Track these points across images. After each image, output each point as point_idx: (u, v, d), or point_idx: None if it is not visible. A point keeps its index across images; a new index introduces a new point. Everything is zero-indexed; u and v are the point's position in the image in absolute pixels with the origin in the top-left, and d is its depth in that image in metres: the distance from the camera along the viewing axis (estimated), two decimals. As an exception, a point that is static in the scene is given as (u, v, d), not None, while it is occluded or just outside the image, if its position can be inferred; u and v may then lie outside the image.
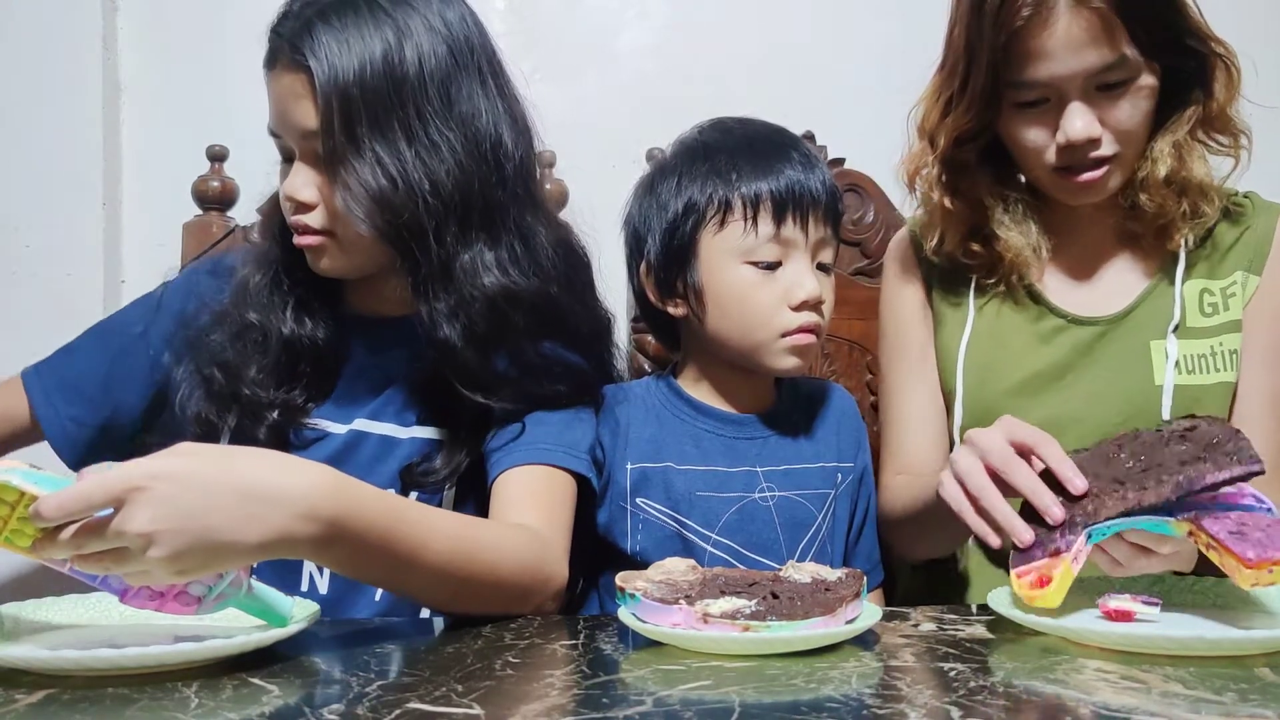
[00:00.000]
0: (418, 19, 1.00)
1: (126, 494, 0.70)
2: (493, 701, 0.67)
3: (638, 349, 1.39)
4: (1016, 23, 1.04)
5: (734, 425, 1.15)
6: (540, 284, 1.05)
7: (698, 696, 0.68)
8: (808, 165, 1.10)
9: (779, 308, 1.08)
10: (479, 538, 0.90)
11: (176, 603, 0.78)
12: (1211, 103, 1.10)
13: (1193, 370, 1.13)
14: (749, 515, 1.11)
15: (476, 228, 1.02)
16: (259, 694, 0.70)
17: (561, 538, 0.99)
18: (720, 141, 1.14)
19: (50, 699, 0.69)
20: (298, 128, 1.00)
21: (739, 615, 0.78)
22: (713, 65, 1.58)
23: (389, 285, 1.06)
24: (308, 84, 0.97)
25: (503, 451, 1.02)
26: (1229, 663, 0.73)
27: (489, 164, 1.02)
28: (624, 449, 1.12)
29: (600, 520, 1.12)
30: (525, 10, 1.57)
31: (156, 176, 1.52)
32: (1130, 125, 1.08)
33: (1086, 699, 0.66)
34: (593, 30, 1.58)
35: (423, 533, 0.85)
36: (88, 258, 1.47)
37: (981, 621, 0.88)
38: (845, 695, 0.67)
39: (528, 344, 1.04)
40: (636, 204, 1.17)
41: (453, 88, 1.01)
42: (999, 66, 1.07)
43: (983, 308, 1.20)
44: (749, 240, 1.08)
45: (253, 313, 1.08)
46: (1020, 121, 1.11)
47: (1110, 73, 1.05)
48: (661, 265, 1.13)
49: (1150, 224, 1.14)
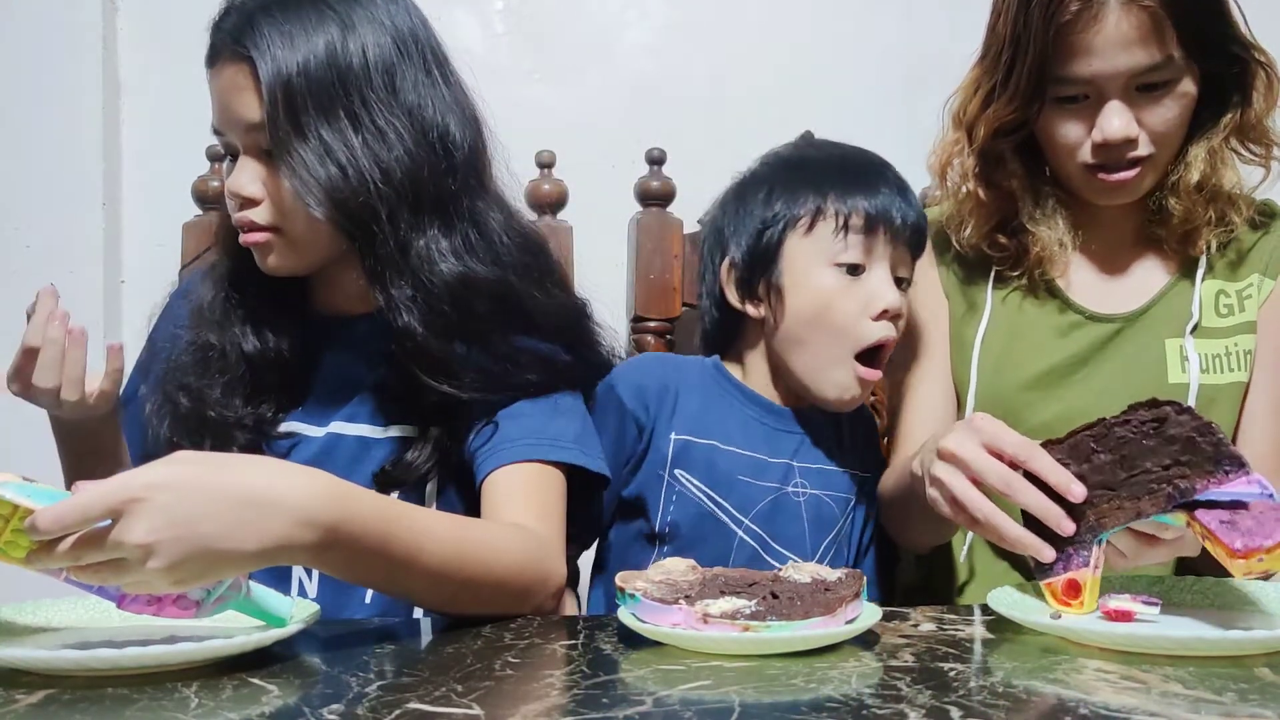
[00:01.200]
0: (360, 11, 1.00)
1: (124, 505, 0.70)
2: (493, 701, 0.67)
3: (637, 349, 1.39)
4: (1065, 17, 1.04)
5: (775, 415, 1.17)
6: (499, 271, 1.04)
7: (697, 696, 0.68)
8: (902, 191, 1.14)
9: (859, 317, 1.10)
10: (475, 538, 0.90)
11: (175, 607, 0.78)
12: (1250, 111, 1.10)
13: (1207, 370, 1.13)
14: (780, 507, 1.13)
15: (429, 214, 1.01)
16: (259, 694, 0.70)
17: (557, 535, 0.99)
18: (815, 157, 1.17)
19: (50, 699, 0.69)
20: (241, 121, 0.99)
21: (739, 615, 0.78)
22: (713, 65, 1.58)
23: (349, 281, 1.06)
24: (250, 75, 0.97)
25: (487, 451, 1.02)
26: (1229, 663, 0.73)
27: (437, 153, 1.02)
28: (669, 417, 1.12)
29: (628, 492, 1.12)
30: (525, 10, 1.57)
31: (156, 176, 1.52)
32: (1167, 128, 1.08)
33: (1086, 699, 0.66)
34: (593, 30, 1.58)
35: (419, 535, 0.84)
36: (88, 258, 1.47)
37: (981, 621, 0.88)
38: (845, 695, 0.67)
39: (491, 331, 1.03)
40: (720, 210, 1.20)
41: (397, 77, 1.01)
42: (1045, 60, 1.06)
43: (1002, 300, 1.20)
44: (838, 243, 1.10)
45: (210, 333, 1.07)
46: (1058, 117, 1.10)
47: (1154, 73, 1.05)
48: (745, 265, 1.15)
49: (1175, 229, 1.14)
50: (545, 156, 1.40)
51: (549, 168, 1.41)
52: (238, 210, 1.02)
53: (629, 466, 1.12)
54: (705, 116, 1.54)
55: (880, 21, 1.62)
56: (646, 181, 1.41)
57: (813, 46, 1.59)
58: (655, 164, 1.41)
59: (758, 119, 1.33)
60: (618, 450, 1.11)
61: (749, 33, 1.58)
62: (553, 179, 1.41)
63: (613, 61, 1.58)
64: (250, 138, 1.00)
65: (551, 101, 1.56)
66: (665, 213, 1.40)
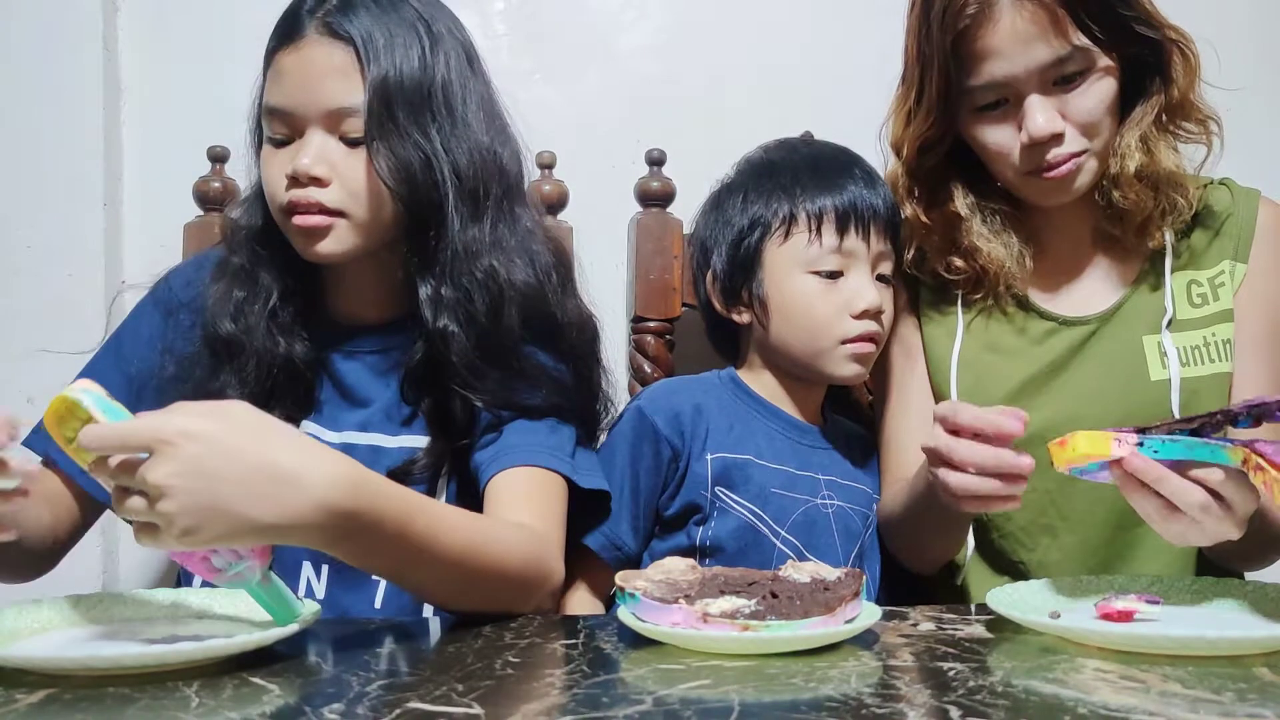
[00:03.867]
0: (440, 23, 1.06)
1: (156, 445, 0.72)
2: (493, 701, 0.67)
3: (637, 349, 1.39)
4: (962, 23, 1.05)
5: (799, 430, 1.21)
6: (535, 277, 1.08)
7: (697, 696, 0.68)
8: (869, 182, 1.17)
9: (840, 316, 1.14)
10: (487, 532, 0.92)
11: (200, 564, 0.80)
12: (1173, 90, 1.09)
13: (1187, 363, 1.13)
14: (812, 519, 1.15)
15: (482, 217, 1.05)
16: (259, 694, 0.70)
17: (557, 535, 1.01)
18: (785, 159, 1.20)
19: (50, 699, 0.69)
20: (329, 103, 1.00)
21: (738, 615, 0.78)
22: (712, 65, 1.57)
23: (371, 286, 1.08)
24: (353, 60, 0.99)
25: (490, 457, 1.03)
26: (1228, 662, 0.73)
27: (494, 159, 1.06)
28: (704, 439, 1.14)
29: (670, 512, 1.14)
30: (525, 10, 1.57)
31: (156, 176, 1.51)
32: (1093, 117, 1.08)
33: (1086, 699, 0.66)
34: (593, 30, 1.58)
35: (435, 527, 0.86)
36: (88, 258, 1.46)
37: (981, 621, 0.88)
38: (845, 695, 0.67)
39: (515, 344, 1.06)
40: (703, 219, 1.25)
41: (467, 86, 1.06)
42: (951, 70, 1.07)
43: (971, 321, 1.20)
44: (812, 251, 1.14)
45: (223, 333, 1.06)
46: (983, 126, 1.11)
47: (1063, 65, 1.05)
48: (727, 275, 1.19)
49: (1129, 224, 1.14)
50: (545, 157, 1.40)
51: (549, 168, 1.41)
52: (298, 189, 1.00)
53: (668, 491, 1.14)
54: (705, 116, 1.54)
55: (880, 22, 1.61)
56: (646, 182, 1.41)
57: (813, 47, 1.59)
58: (655, 164, 1.41)
59: (758, 119, 1.32)
60: (655, 475, 1.13)
61: (749, 33, 1.58)
62: (553, 179, 1.41)
63: (613, 61, 1.58)
64: (334, 120, 1.00)
65: (551, 101, 1.56)
66: (665, 213, 1.40)
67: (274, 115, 1.03)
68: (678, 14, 1.59)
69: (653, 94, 1.56)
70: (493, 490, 1.01)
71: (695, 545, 1.13)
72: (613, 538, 1.11)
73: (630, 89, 1.57)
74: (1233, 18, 1.57)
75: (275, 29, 1.04)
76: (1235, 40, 1.56)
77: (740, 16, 1.58)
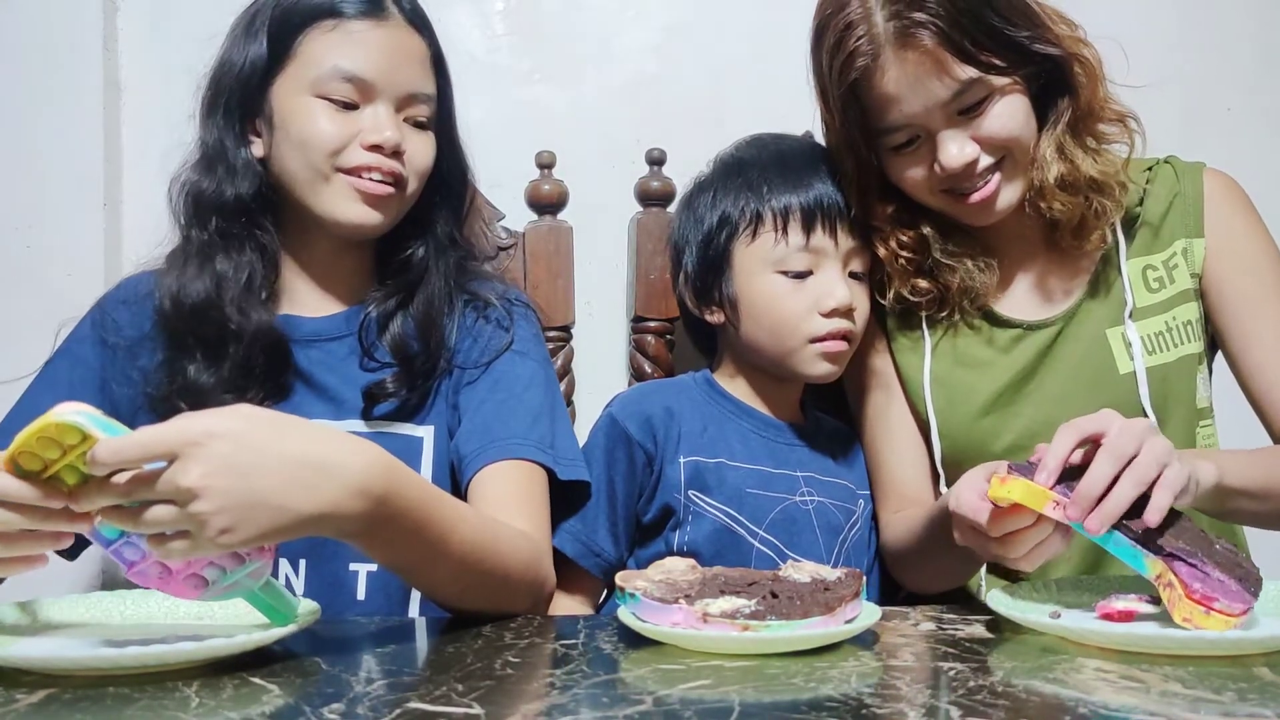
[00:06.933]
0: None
1: (182, 448, 0.71)
2: (493, 701, 0.67)
3: (637, 349, 1.39)
4: (853, 75, 1.05)
5: (774, 429, 1.20)
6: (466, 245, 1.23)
7: (697, 696, 0.68)
8: (837, 178, 1.15)
9: (809, 315, 1.13)
10: (496, 532, 0.93)
11: (185, 585, 0.78)
12: (1079, 100, 1.09)
13: (1153, 350, 1.13)
14: (791, 516, 1.14)
15: (464, 203, 1.21)
16: (259, 694, 0.70)
17: (548, 541, 1.04)
18: (754, 157, 1.19)
19: (50, 699, 0.69)
20: (410, 87, 1.08)
21: (738, 615, 0.78)
22: (712, 65, 1.57)
23: (347, 271, 1.14)
24: (426, 50, 1.11)
25: (474, 448, 1.05)
26: (1228, 662, 0.73)
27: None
28: (675, 442, 1.14)
29: (647, 517, 1.14)
30: (525, 10, 1.57)
31: (156, 176, 1.51)
32: (1006, 133, 1.07)
33: (1086, 699, 0.66)
34: (593, 30, 1.58)
35: (453, 519, 0.86)
36: (88, 258, 1.46)
37: (981, 621, 0.88)
38: (845, 695, 0.67)
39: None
40: (677, 217, 1.25)
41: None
42: (855, 116, 1.08)
43: (939, 341, 1.19)
44: (779, 250, 1.13)
45: (190, 325, 1.06)
46: (900, 164, 1.11)
47: (962, 98, 1.05)
48: (698, 275, 1.19)
49: (1064, 229, 1.13)
50: (545, 156, 1.40)
51: (549, 168, 1.41)
52: (379, 156, 1.05)
53: (644, 496, 1.14)
54: (705, 116, 1.54)
55: (880, 22, 1.61)
56: (646, 181, 1.41)
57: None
58: (655, 164, 1.41)
59: (758, 119, 1.32)
60: (630, 481, 1.13)
61: (749, 33, 1.58)
62: (553, 179, 1.41)
63: (613, 61, 1.58)
64: (406, 102, 1.08)
65: (551, 101, 1.56)
66: (665, 213, 1.40)
67: (349, 79, 1.05)
68: (678, 14, 1.58)
69: (653, 94, 1.56)
70: (478, 485, 1.03)
71: (672, 551, 1.12)
72: (590, 544, 1.11)
73: (630, 89, 1.57)
74: (1233, 18, 1.57)
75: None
76: (1235, 40, 1.57)
77: (740, 16, 1.58)
